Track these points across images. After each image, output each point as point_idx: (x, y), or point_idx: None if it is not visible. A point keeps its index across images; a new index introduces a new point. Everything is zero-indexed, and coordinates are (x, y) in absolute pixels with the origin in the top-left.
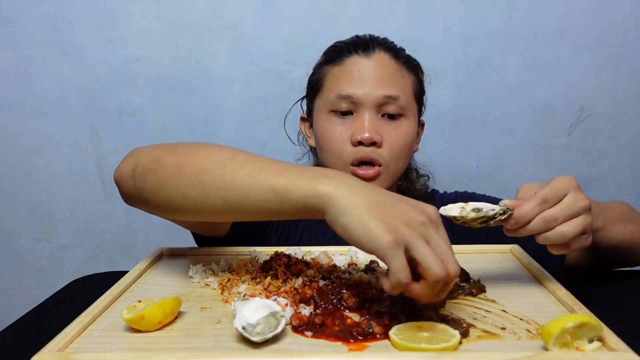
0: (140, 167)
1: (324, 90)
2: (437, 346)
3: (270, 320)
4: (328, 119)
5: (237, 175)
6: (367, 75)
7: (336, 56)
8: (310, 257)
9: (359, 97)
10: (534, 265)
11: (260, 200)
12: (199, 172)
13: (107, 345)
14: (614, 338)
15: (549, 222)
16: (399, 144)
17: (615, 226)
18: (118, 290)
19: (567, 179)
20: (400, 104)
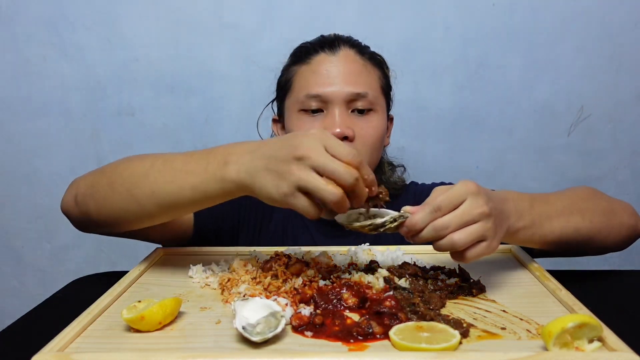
0: (79, 195)
1: (293, 90)
2: (437, 346)
3: (270, 320)
4: (299, 117)
5: (160, 182)
6: (335, 73)
7: (303, 56)
8: (310, 257)
9: (327, 95)
10: (534, 265)
11: (187, 198)
12: (128, 187)
13: (107, 345)
14: (614, 338)
15: (439, 230)
16: (372, 137)
17: (552, 222)
18: (118, 290)
19: (466, 184)
20: (369, 99)
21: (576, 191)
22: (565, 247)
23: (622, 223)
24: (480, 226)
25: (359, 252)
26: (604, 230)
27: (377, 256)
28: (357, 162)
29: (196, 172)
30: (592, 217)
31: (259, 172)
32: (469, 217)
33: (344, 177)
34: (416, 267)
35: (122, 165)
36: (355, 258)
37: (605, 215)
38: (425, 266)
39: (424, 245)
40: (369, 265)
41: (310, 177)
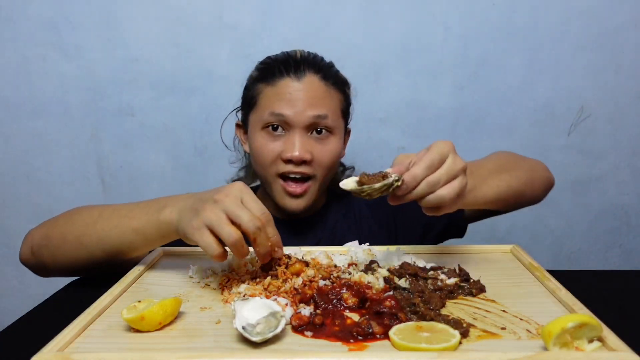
0: (35, 246)
1: (258, 107)
2: (437, 346)
3: (270, 320)
4: (262, 135)
5: (106, 229)
6: (298, 97)
7: (269, 76)
8: (310, 257)
9: (290, 117)
10: (534, 265)
11: (129, 242)
12: (78, 235)
13: (107, 345)
14: (614, 338)
15: (432, 185)
16: (328, 160)
17: (487, 182)
18: (118, 290)
19: (446, 143)
20: (328, 123)
21: (498, 155)
22: (502, 204)
23: (542, 177)
24: (460, 181)
25: (359, 252)
26: (529, 185)
27: (377, 256)
28: (265, 219)
29: (138, 217)
30: (518, 174)
31: (185, 210)
32: (454, 171)
33: (246, 223)
34: (416, 267)
35: (74, 216)
36: (355, 258)
37: (528, 172)
38: (425, 266)
39: (424, 245)
40: (369, 265)
41: (217, 216)
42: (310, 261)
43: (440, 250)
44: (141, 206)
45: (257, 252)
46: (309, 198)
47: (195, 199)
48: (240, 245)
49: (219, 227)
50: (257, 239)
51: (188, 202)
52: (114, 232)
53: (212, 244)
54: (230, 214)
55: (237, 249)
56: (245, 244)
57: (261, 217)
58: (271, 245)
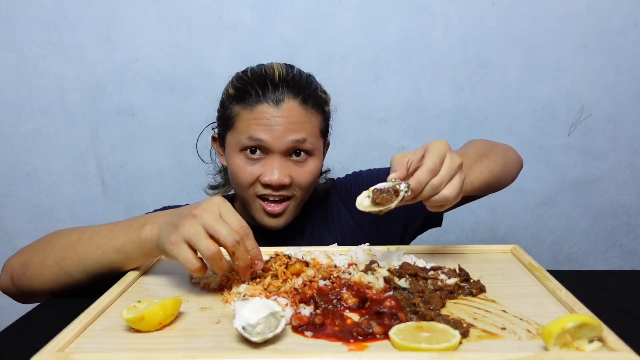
0: (14, 275)
1: (236, 129)
2: (437, 346)
3: (270, 320)
4: (240, 157)
5: (87, 250)
6: (277, 123)
7: (246, 97)
8: (310, 257)
9: (269, 143)
10: (534, 265)
11: (111, 261)
12: (58, 260)
13: (107, 345)
14: (614, 338)
15: (436, 188)
16: (307, 181)
17: (473, 170)
18: (118, 290)
19: (442, 142)
20: (307, 146)
21: (474, 143)
22: (485, 189)
23: (514, 159)
24: (459, 177)
25: (359, 252)
26: (506, 168)
27: (377, 256)
28: (243, 233)
29: (119, 236)
30: (496, 159)
31: (164, 226)
32: (453, 171)
33: (225, 237)
34: (416, 267)
35: (52, 241)
36: (355, 258)
37: (503, 156)
38: (425, 266)
39: (424, 245)
40: (369, 266)
41: (195, 230)
42: (311, 261)
43: (441, 251)
44: (121, 225)
45: (237, 266)
46: (288, 216)
47: (174, 215)
48: (219, 259)
49: (197, 241)
50: (235, 253)
51: (168, 219)
52: (95, 253)
53: (190, 258)
54: (209, 228)
55: (215, 262)
56: (223, 258)
57: (239, 231)
58: (251, 259)
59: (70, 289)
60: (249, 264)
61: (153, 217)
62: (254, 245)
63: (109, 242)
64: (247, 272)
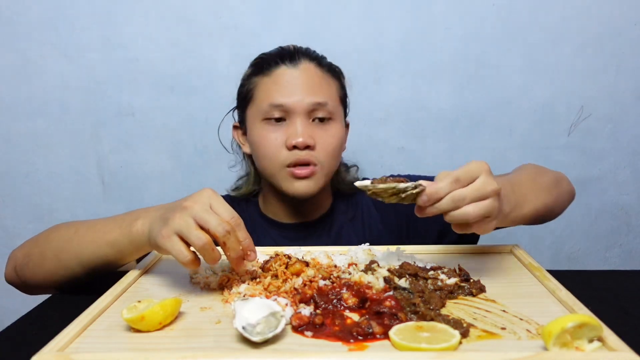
0: (17, 266)
1: (255, 100)
2: (437, 346)
3: (270, 320)
4: (262, 127)
5: (82, 244)
6: (296, 84)
7: (264, 67)
8: (310, 257)
9: (290, 105)
10: (534, 265)
11: (104, 255)
12: (56, 253)
13: (107, 345)
14: (614, 338)
15: (457, 201)
16: (331, 145)
17: (528, 201)
18: (118, 290)
19: (480, 163)
20: (328, 109)
21: (527, 169)
22: (534, 221)
23: (568, 191)
24: (491, 203)
25: (359, 252)
26: (559, 200)
27: (377, 256)
28: (234, 223)
29: (112, 231)
30: (551, 190)
31: (155, 220)
32: (483, 192)
33: (215, 227)
34: (416, 267)
35: (52, 234)
36: (356, 258)
37: (557, 187)
38: (425, 266)
39: (424, 246)
40: (369, 266)
41: (185, 222)
42: (311, 261)
43: (441, 250)
44: (116, 219)
45: (229, 257)
46: (316, 182)
47: (165, 209)
48: (210, 249)
49: (187, 233)
50: (226, 243)
51: (158, 213)
52: (90, 246)
53: (182, 250)
54: (199, 219)
55: (207, 252)
56: (215, 248)
57: (230, 221)
58: (243, 250)
59: (70, 283)
60: (241, 254)
61: (145, 212)
62: (246, 236)
63: (103, 236)
64: (239, 263)
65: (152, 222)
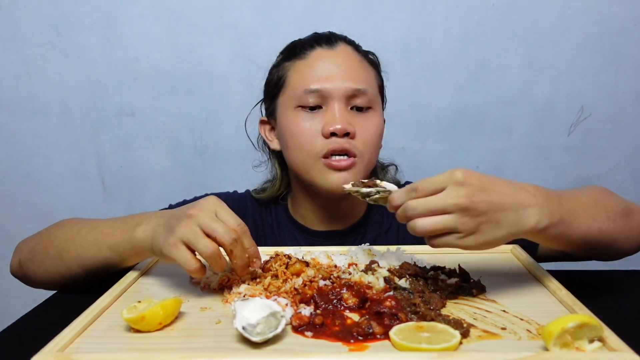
0: (22, 260)
1: (288, 86)
2: (437, 346)
3: (270, 320)
4: (295, 114)
5: (84, 246)
6: (334, 68)
7: (298, 51)
8: (311, 257)
9: (327, 90)
10: (534, 265)
11: (105, 258)
12: (59, 251)
13: (107, 346)
14: (615, 338)
15: (406, 211)
16: (372, 135)
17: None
18: (118, 290)
19: (453, 172)
20: (368, 97)
21: (593, 189)
22: (585, 250)
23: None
24: (451, 218)
25: (359, 252)
26: (625, 233)
27: (377, 256)
28: (240, 231)
29: (114, 234)
30: (615, 217)
31: (159, 228)
32: (439, 205)
33: (222, 235)
34: (416, 267)
35: (57, 231)
36: (356, 258)
37: (625, 217)
38: (426, 266)
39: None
40: (369, 266)
41: (192, 230)
42: (311, 261)
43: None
44: (118, 223)
45: (234, 264)
46: (355, 176)
47: (169, 216)
48: (218, 257)
49: (194, 241)
50: (233, 251)
51: (162, 220)
52: (91, 249)
53: (189, 259)
54: (205, 227)
55: (215, 261)
56: (222, 256)
57: (237, 229)
58: (248, 257)
59: (70, 283)
60: (247, 262)
61: (147, 218)
62: (252, 244)
63: (104, 239)
64: (244, 270)
65: (155, 229)
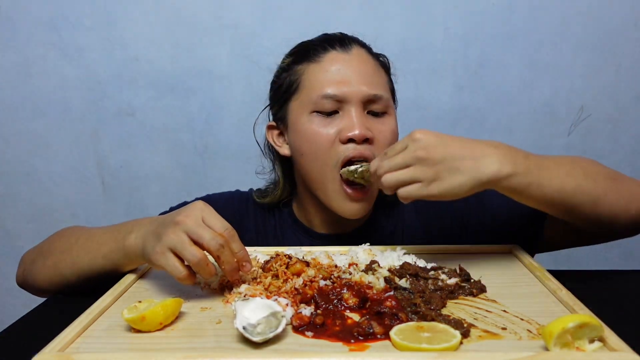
0: (25, 270)
1: (302, 90)
2: (437, 346)
3: (270, 320)
4: (311, 119)
5: (80, 254)
6: (350, 72)
7: (311, 54)
8: (311, 257)
9: (345, 95)
10: (534, 265)
11: (100, 267)
12: (55, 261)
13: (107, 346)
14: (615, 338)
15: (377, 171)
16: (390, 140)
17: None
18: (118, 290)
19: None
20: (384, 102)
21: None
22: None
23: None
24: (412, 170)
25: (359, 252)
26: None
27: (378, 256)
28: (228, 235)
29: (107, 243)
30: (596, 177)
31: (148, 235)
32: (400, 160)
33: (208, 242)
34: (417, 267)
35: (55, 242)
36: (356, 258)
37: (611, 180)
38: (426, 266)
39: (425, 246)
40: (370, 266)
41: (179, 238)
42: (311, 261)
43: (441, 251)
44: (112, 231)
45: (223, 270)
46: (369, 201)
47: (157, 224)
48: (205, 265)
49: (181, 249)
50: (220, 257)
51: (151, 227)
52: (86, 257)
53: (177, 266)
54: (192, 234)
55: (202, 268)
56: (210, 263)
57: (224, 234)
58: (237, 261)
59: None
60: (236, 266)
61: (138, 225)
62: (240, 247)
63: (99, 247)
64: (234, 275)
65: (145, 237)
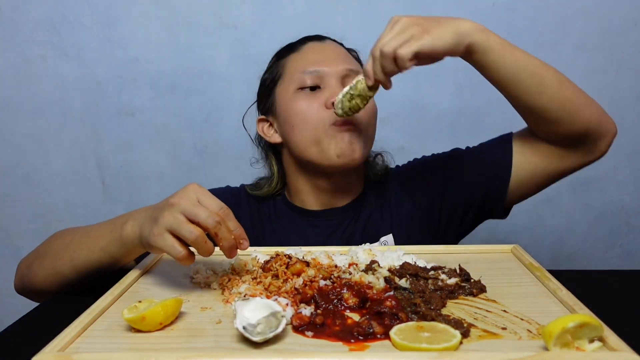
0: (23, 276)
1: (286, 75)
2: (437, 346)
3: (270, 320)
4: (296, 96)
5: (77, 250)
6: (327, 54)
7: (291, 48)
8: (311, 257)
9: (324, 70)
10: (534, 265)
11: (98, 261)
12: (52, 261)
13: (107, 346)
14: (615, 338)
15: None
16: (370, 110)
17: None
18: (118, 290)
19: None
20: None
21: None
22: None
23: (592, 102)
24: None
25: (359, 252)
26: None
27: (378, 256)
28: (224, 214)
29: (104, 235)
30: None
31: (145, 221)
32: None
33: (205, 219)
34: (417, 267)
35: (51, 244)
36: (356, 258)
37: (574, 87)
38: (426, 266)
39: (425, 246)
40: (370, 266)
41: (175, 218)
42: (311, 261)
43: (441, 250)
44: (107, 224)
45: (222, 247)
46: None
47: (153, 209)
48: (203, 242)
49: (178, 228)
50: (218, 234)
51: (147, 214)
52: (83, 253)
53: (176, 246)
54: (188, 213)
55: (200, 245)
56: (208, 240)
57: (219, 212)
58: (235, 239)
59: (69, 290)
60: (234, 244)
61: (133, 215)
62: (237, 225)
63: (95, 241)
64: (233, 252)
65: (141, 223)
